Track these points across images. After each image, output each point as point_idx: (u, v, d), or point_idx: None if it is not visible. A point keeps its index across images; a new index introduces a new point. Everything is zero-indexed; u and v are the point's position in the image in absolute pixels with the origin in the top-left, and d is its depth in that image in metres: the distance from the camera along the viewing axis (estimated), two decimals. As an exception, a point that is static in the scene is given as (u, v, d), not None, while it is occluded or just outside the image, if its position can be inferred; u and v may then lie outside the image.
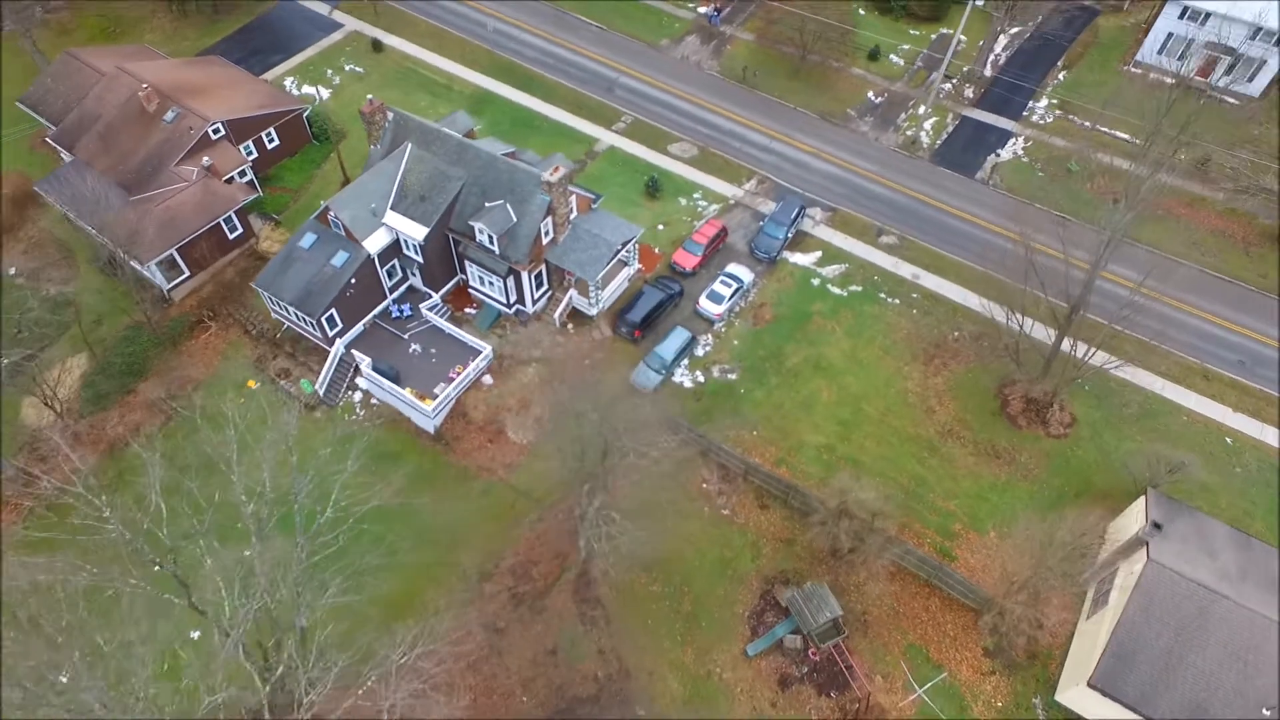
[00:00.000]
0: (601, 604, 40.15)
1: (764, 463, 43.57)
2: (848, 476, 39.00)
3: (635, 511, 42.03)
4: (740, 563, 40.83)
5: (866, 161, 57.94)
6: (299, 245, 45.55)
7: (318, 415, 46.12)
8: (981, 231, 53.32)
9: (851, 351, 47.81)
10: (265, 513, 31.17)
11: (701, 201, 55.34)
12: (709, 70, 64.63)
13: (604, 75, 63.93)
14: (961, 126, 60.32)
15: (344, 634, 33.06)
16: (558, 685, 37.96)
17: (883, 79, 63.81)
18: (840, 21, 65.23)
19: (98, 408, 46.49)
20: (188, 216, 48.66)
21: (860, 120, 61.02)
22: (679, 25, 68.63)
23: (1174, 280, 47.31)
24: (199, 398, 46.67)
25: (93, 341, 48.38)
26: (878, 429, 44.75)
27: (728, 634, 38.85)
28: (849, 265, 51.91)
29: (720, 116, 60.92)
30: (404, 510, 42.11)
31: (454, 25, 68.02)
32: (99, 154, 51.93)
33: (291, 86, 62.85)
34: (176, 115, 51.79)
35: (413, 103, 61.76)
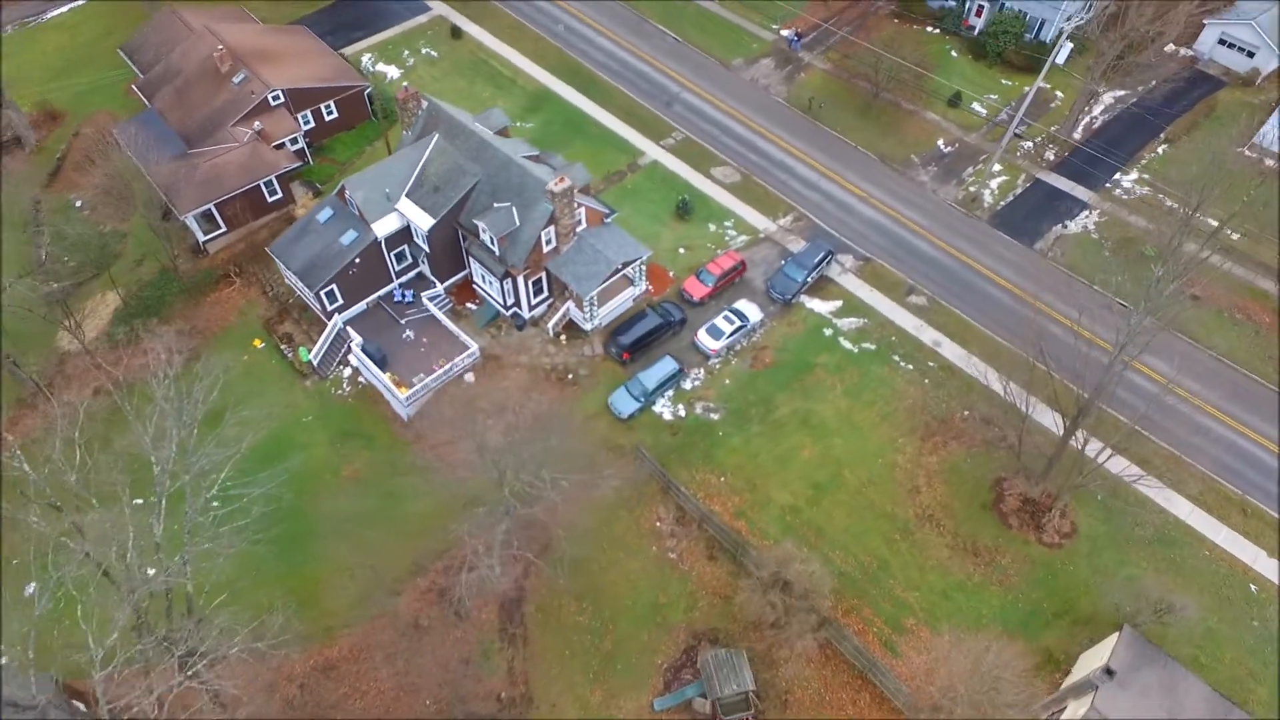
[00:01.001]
0: (525, 623, 39.56)
1: (723, 512, 41.74)
2: (792, 545, 36.74)
3: (581, 537, 41.45)
4: (672, 611, 39.26)
5: (917, 213, 54.49)
6: (315, 218, 47.02)
7: (308, 384, 47.54)
8: (1023, 307, 48.93)
9: (847, 412, 45.09)
10: (168, 481, 31.47)
11: (731, 230, 53.56)
12: (775, 96, 62.48)
13: (666, 88, 62.91)
14: (1032, 190, 55.79)
15: (238, 612, 33.66)
16: (461, 696, 37.64)
17: (958, 128, 59.85)
18: (926, 62, 61.58)
19: (122, 341, 49.53)
20: (231, 175, 51.14)
21: (922, 169, 57.47)
22: (757, 46, 66.70)
23: (1225, 389, 42.30)
24: (208, 351, 49.25)
25: (129, 281, 51.65)
26: (852, 499, 42.00)
27: (640, 682, 37.46)
28: (868, 321, 48.96)
29: (773, 145, 58.78)
30: (352, 490, 42.97)
31: (533, 20, 68.59)
32: (172, 106, 55.39)
33: (368, 63, 65.04)
34: (243, 79, 54.53)
35: (475, 93, 62.75)
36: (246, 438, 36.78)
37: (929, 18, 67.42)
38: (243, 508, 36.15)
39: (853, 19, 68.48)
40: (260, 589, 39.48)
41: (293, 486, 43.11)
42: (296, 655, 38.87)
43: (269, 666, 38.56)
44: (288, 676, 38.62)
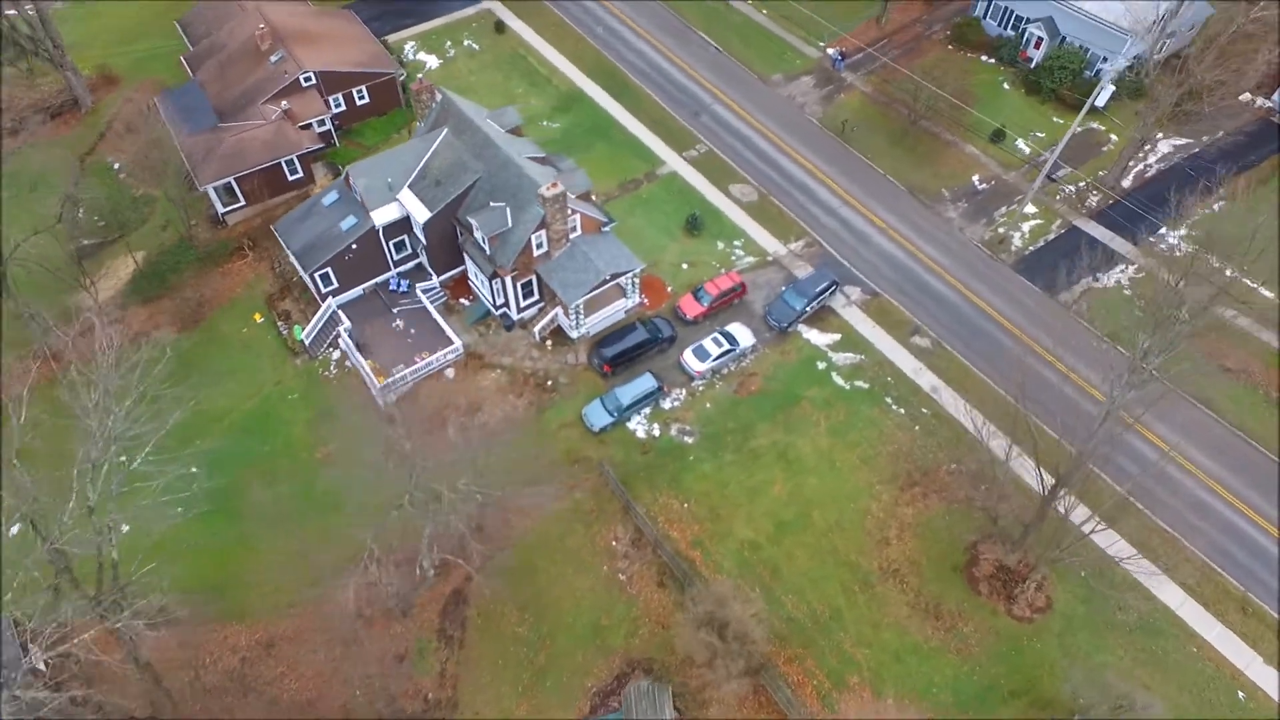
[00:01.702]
0: (464, 626, 39.25)
1: (680, 539, 40.62)
2: (734, 584, 35.36)
3: (533, 547, 41.04)
4: (613, 635, 38.35)
5: (937, 250, 52.04)
6: (320, 200, 47.78)
7: (298, 362, 48.29)
8: (1036, 361, 46.19)
9: (827, 451, 43.31)
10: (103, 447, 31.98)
11: (739, 250, 52.19)
12: (809, 115, 60.65)
13: (698, 98, 61.80)
14: (1066, 237, 52.61)
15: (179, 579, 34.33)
16: (390, 692, 37.57)
17: (997, 164, 56.94)
18: (969, 92, 58.88)
19: (135, 302, 51.43)
20: (253, 151, 52.43)
21: (952, 204, 54.87)
22: (800, 62, 64.94)
23: (1233, 462, 39.17)
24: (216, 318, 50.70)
25: (151, 245, 53.49)
26: (817, 542, 40.28)
27: (567, 702, 36.70)
28: (865, 358, 46.97)
29: (798, 166, 57.05)
30: (322, 472, 43.37)
31: (578, 21, 68.40)
32: (213, 79, 57.21)
33: (410, 51, 65.92)
34: (280, 58, 55.87)
35: (509, 89, 62.90)
36: (181, 409, 37.12)
37: (985, 47, 64.43)
38: (186, 478, 36.81)
39: (905, 42, 66.04)
40: (211, 560, 40.32)
41: (264, 463, 43.95)
42: (242, 628, 39.71)
43: (212, 636, 39.66)
44: (232, 648, 39.28)
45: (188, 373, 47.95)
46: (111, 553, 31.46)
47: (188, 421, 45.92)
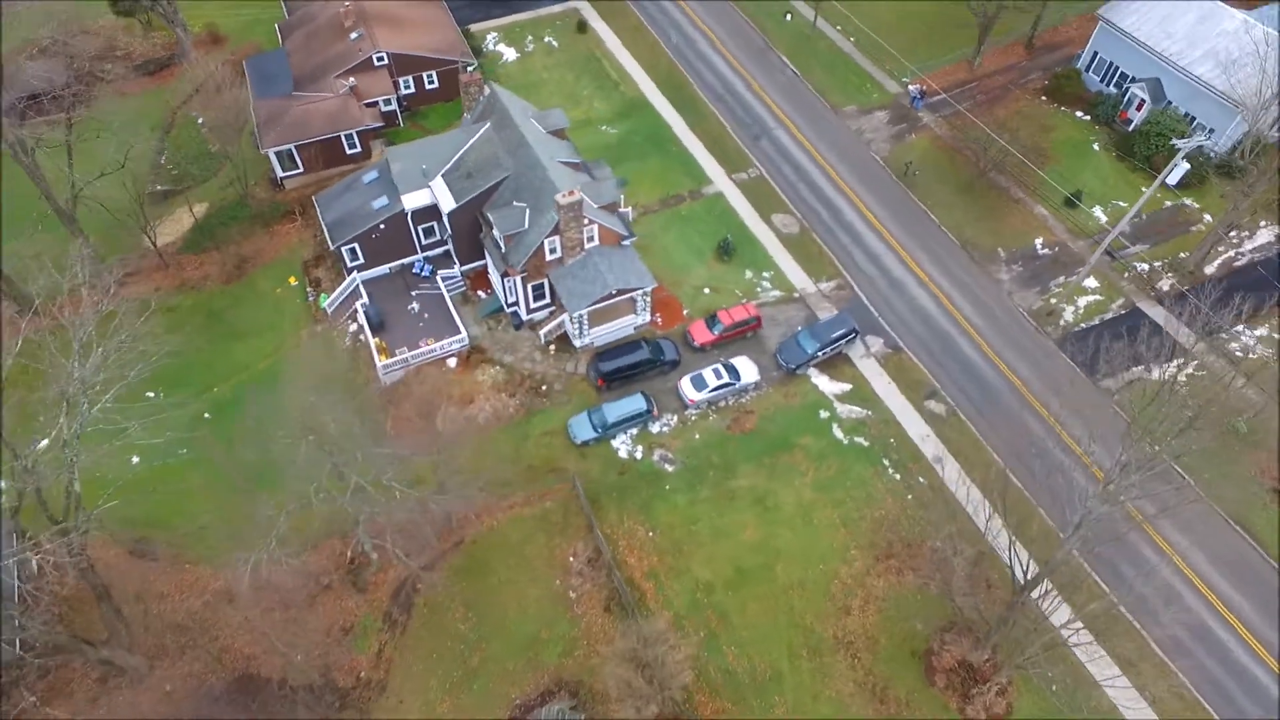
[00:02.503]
0: (410, 612, 39.79)
1: (636, 567, 39.86)
2: (663, 625, 34.29)
3: (492, 547, 41.22)
4: (549, 650, 38.01)
5: (977, 313, 48.94)
6: (361, 178, 49.37)
7: (319, 329, 50.13)
8: (1059, 449, 42.83)
9: (808, 505, 41.49)
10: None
11: (766, 282, 50.65)
12: (874, 153, 58.17)
13: (762, 121, 60.32)
14: (1125, 319, 48.42)
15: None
16: (329, 662, 38.52)
17: (1066, 230, 53.01)
18: (1046, 149, 55.07)
19: (190, 251, 54.68)
20: (316, 122, 54.73)
21: (1006, 266, 51.46)
22: (877, 96, 62.39)
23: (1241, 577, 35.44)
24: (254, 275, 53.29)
25: (216, 199, 56.69)
26: (774, 597, 38.65)
27: (489, 709, 36.59)
28: (872, 414, 44.71)
29: (848, 203, 54.85)
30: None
31: (658, 27, 68.02)
32: (297, 49, 60.09)
33: (491, 42, 67.23)
34: (358, 36, 58.08)
35: (576, 90, 63.22)
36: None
37: (1082, 102, 60.06)
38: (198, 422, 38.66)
39: (995, 88, 62.39)
40: (193, 503, 42.36)
41: (260, 420, 45.72)
42: (211, 573, 41.55)
43: (184, 576, 41.76)
44: (198, 592, 41.21)
45: (216, 323, 51.06)
46: (74, 484, 33.50)
47: (208, 367, 48.90)
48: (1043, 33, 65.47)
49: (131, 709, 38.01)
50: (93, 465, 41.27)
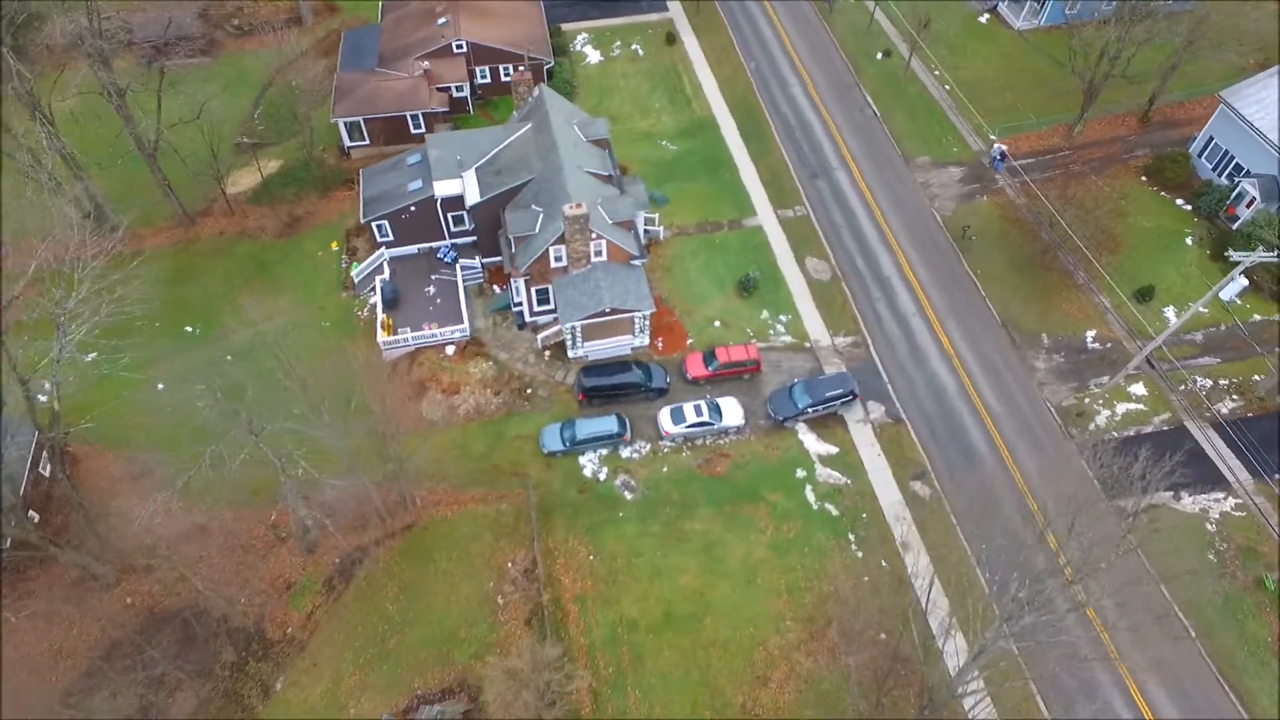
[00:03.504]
0: (348, 583, 41.05)
1: (567, 588, 39.52)
2: (554, 655, 33.77)
3: (440, 536, 41.95)
4: (462, 650, 38.26)
5: (998, 398, 45.38)
6: (406, 159, 51.17)
7: (344, 295, 52.36)
8: (1045, 560, 39.12)
9: (757, 564, 39.82)
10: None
11: (781, 326, 48.85)
12: (935, 209, 54.92)
13: (825, 160, 58.14)
14: (1166, 438, 43.55)
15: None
16: (265, 612, 40.37)
17: (1125, 327, 48.24)
18: (1119, 236, 50.31)
19: (255, 203, 58.39)
20: (386, 99, 57.18)
21: (1046, 353, 47.42)
22: (956, 151, 58.82)
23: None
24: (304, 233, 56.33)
25: (289, 159, 60.20)
26: (694, 650, 37.36)
27: (390, 692, 37.22)
28: (851, 483, 42.35)
29: (891, 258, 52.06)
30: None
31: (746, 49, 66.76)
32: (390, 27, 62.99)
33: (580, 43, 68.01)
34: (444, 22, 60.17)
35: (648, 101, 63.07)
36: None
37: (1185, 189, 54.42)
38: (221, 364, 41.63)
39: (1092, 159, 57.46)
40: (186, 436, 45.08)
41: (265, 373, 48.23)
42: (180, 511, 44.16)
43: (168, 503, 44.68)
44: (173, 520, 43.87)
45: (261, 274, 54.32)
46: (55, 403, 36.61)
47: (242, 313, 51.98)
48: (1162, 107, 59.76)
49: (96, 611, 41.23)
50: (119, 386, 45.10)
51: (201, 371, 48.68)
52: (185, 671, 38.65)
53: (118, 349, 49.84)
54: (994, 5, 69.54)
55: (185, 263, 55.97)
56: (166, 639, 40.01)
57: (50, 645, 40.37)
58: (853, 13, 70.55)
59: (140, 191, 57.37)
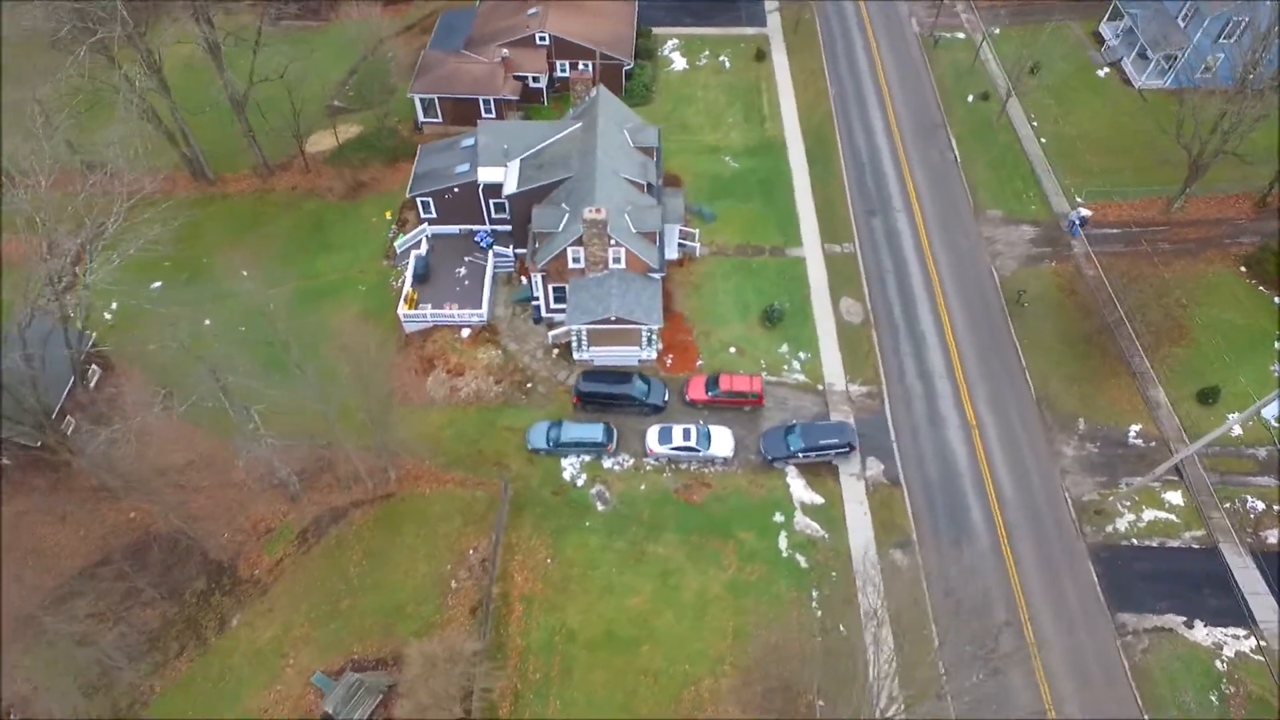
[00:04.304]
0: (321, 538, 42.49)
1: (518, 584, 39.57)
2: (470, 648, 33.80)
3: (414, 511, 42.92)
4: (405, 625, 38.82)
5: (1013, 482, 42.15)
6: (461, 141, 52.42)
7: (385, 263, 54.23)
8: (1021, 674, 36.18)
9: (710, 600, 38.62)
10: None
11: (797, 364, 47.09)
12: (993, 268, 51.51)
13: (888, 199, 55.60)
14: (1193, 556, 39.33)
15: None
16: (242, 551, 42.39)
17: (1178, 427, 43.75)
18: (1230, 332, 45.79)
19: (330, 163, 61.37)
20: (462, 81, 58.78)
21: (1078, 440, 43.67)
22: (1035, 209, 54.97)
23: None
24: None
25: (369, 126, 62.92)
26: (625, 676, 36.62)
27: (330, 653, 38.18)
28: (829, 538, 40.40)
29: (932, 313, 49.26)
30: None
31: (835, 74, 64.68)
32: (485, 12, 64.79)
33: (670, 48, 67.70)
34: (534, 13, 61.27)
35: (722, 115, 62.14)
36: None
37: (1287, 287, 48.82)
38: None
39: (1186, 240, 52.51)
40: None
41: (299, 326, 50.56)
42: (201, 436, 46.89)
43: (181, 433, 47.63)
44: (186, 448, 46.87)
45: (319, 231, 57.03)
46: (79, 322, 39.72)
47: (293, 265, 54.79)
48: (1283, 192, 53.81)
49: (103, 519, 44.58)
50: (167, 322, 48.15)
51: (244, 316, 51.57)
52: (159, 591, 41.24)
53: (183, 283, 54.05)
54: (1118, 59, 64.50)
55: (258, 211, 59.56)
56: (153, 558, 42.77)
57: (58, 542, 43.92)
58: (959, 50, 67.12)
59: (231, 140, 61.36)
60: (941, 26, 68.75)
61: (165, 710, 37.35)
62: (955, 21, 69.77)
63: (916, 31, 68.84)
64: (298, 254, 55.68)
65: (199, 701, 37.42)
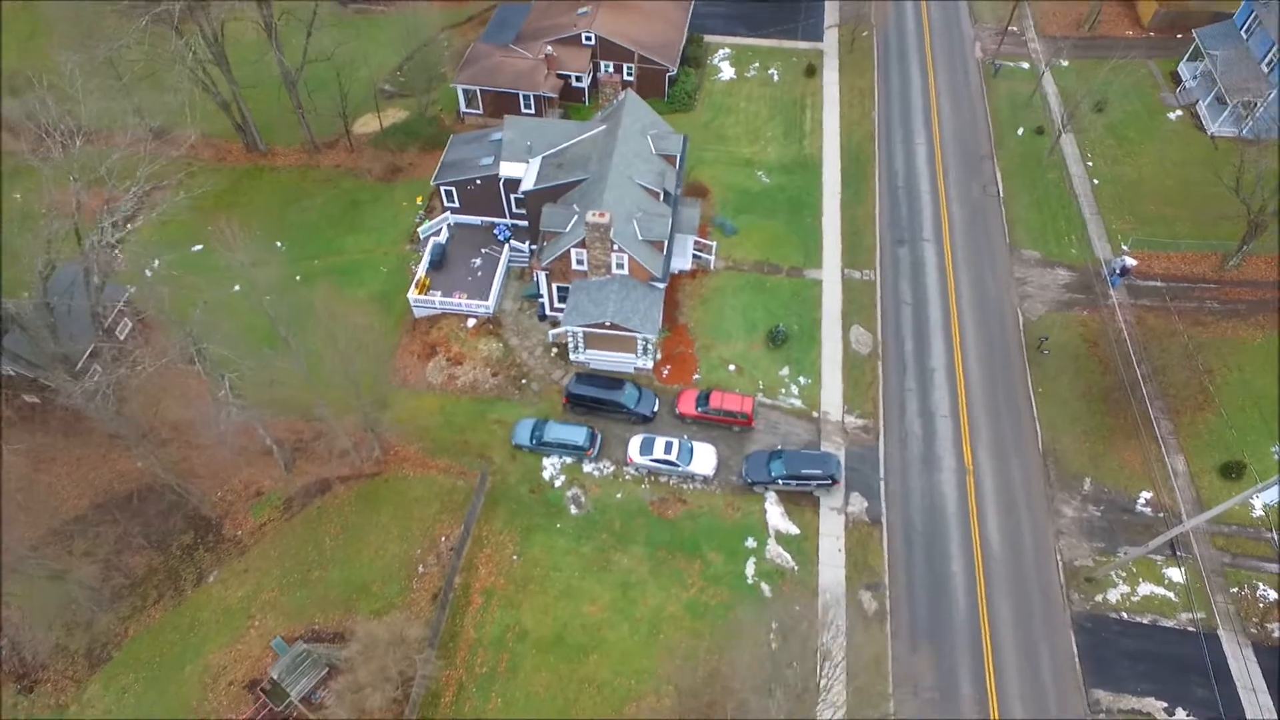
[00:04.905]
0: (304, 507, 43.54)
1: (481, 578, 39.86)
2: (416, 628, 34.10)
3: (395, 492, 43.73)
4: (367, 603, 39.55)
5: (1001, 536, 40.20)
6: (491, 134, 53.06)
7: (409, 247, 55.35)
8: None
9: (665, 618, 38.12)
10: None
11: (795, 389, 45.98)
12: (1019, 310, 49.22)
13: (919, 229, 53.77)
14: (1187, 640, 36.73)
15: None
16: (230, 512, 43.83)
17: (1193, 499, 40.96)
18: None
19: (374, 145, 63.00)
20: (504, 75, 59.48)
21: (1080, 502, 41.35)
22: (1075, 253, 52.32)
23: None
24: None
25: (414, 110, 64.36)
26: (568, 682, 36.46)
27: (291, 621, 39.07)
28: (797, 571, 39.34)
29: (945, 348, 47.43)
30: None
31: (886, 97, 62.91)
32: (539, 9, 65.43)
33: (720, 57, 67.05)
34: (583, 13, 61.56)
35: (761, 129, 61.17)
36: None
37: (1341, 363, 45.09)
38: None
39: (1238, 300, 49.27)
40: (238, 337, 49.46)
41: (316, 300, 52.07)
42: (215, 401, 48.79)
43: (192, 382, 49.55)
44: (196, 402, 48.82)
45: (351, 211, 58.58)
46: (95, 276, 41.76)
47: (324, 241, 56.39)
48: (1356, 261, 49.74)
49: (113, 464, 46.81)
50: (202, 284, 50.12)
51: (271, 285, 53.38)
52: (149, 540, 43.11)
53: (224, 248, 56.10)
54: (1193, 102, 60.82)
55: (301, 185, 61.58)
56: (150, 507, 44.67)
57: (72, 480, 46.31)
58: (1020, 80, 64.41)
59: (285, 115, 63.62)
60: (1006, 55, 66.11)
61: (133, 653, 39.01)
62: (1021, 51, 66.99)
63: (979, 58, 66.37)
64: (330, 230, 57.30)
65: (165, 650, 38.95)
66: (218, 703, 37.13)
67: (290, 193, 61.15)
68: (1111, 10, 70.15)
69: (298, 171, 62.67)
